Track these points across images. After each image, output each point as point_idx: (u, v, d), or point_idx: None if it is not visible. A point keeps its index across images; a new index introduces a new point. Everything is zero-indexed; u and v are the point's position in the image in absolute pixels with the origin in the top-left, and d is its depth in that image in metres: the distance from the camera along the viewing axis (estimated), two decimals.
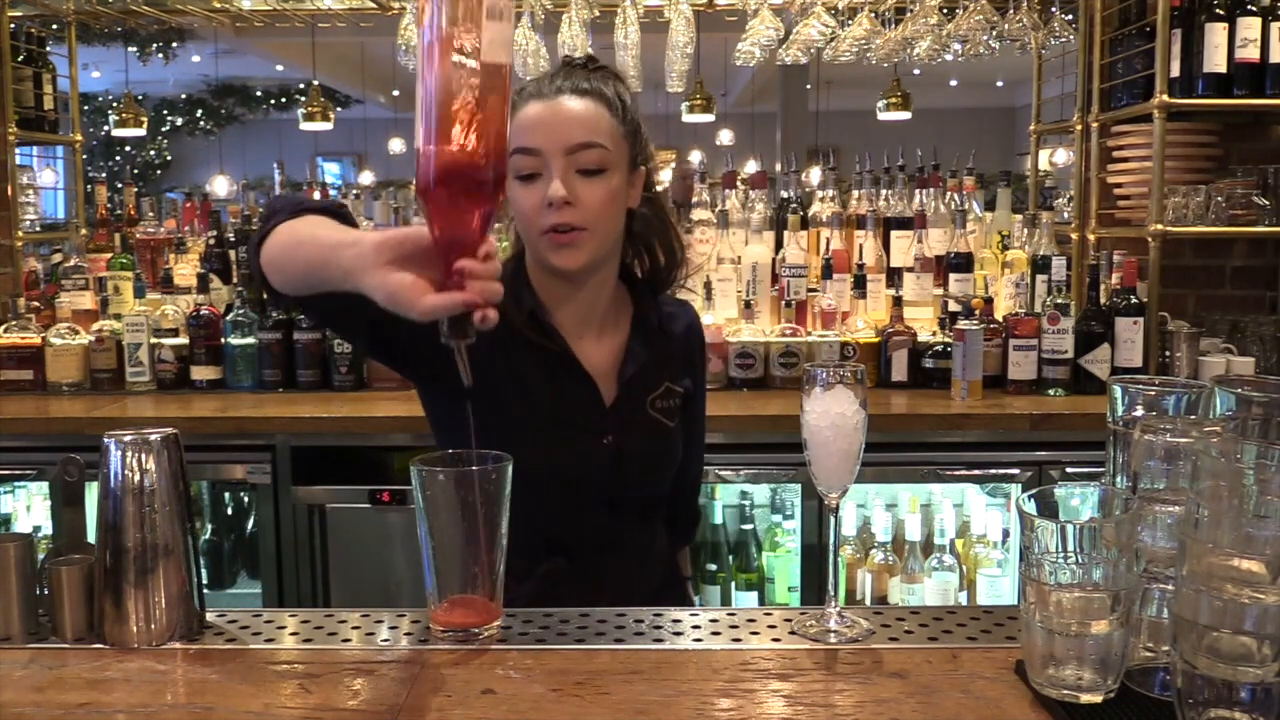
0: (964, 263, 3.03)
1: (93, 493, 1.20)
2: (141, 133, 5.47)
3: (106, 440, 1.17)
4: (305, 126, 5.94)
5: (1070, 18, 3.24)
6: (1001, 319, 2.88)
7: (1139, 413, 1.09)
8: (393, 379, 2.90)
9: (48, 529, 2.88)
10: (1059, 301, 2.84)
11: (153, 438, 1.17)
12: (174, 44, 10.58)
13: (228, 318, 2.96)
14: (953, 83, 13.84)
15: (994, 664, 1.11)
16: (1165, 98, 2.78)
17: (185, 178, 14.01)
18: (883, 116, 4.74)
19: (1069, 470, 2.59)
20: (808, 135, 11.42)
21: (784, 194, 3.38)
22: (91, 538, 1.21)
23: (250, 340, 2.94)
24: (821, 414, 1.18)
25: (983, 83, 13.99)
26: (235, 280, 3.12)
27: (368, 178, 12.34)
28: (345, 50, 10.77)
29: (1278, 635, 0.86)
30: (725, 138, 12.16)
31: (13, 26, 3.32)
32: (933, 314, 3.04)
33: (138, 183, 10.14)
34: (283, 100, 13.88)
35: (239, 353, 2.95)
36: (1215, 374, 2.64)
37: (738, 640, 1.19)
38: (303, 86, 12.93)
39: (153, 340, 2.95)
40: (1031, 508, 1.01)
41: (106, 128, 7.11)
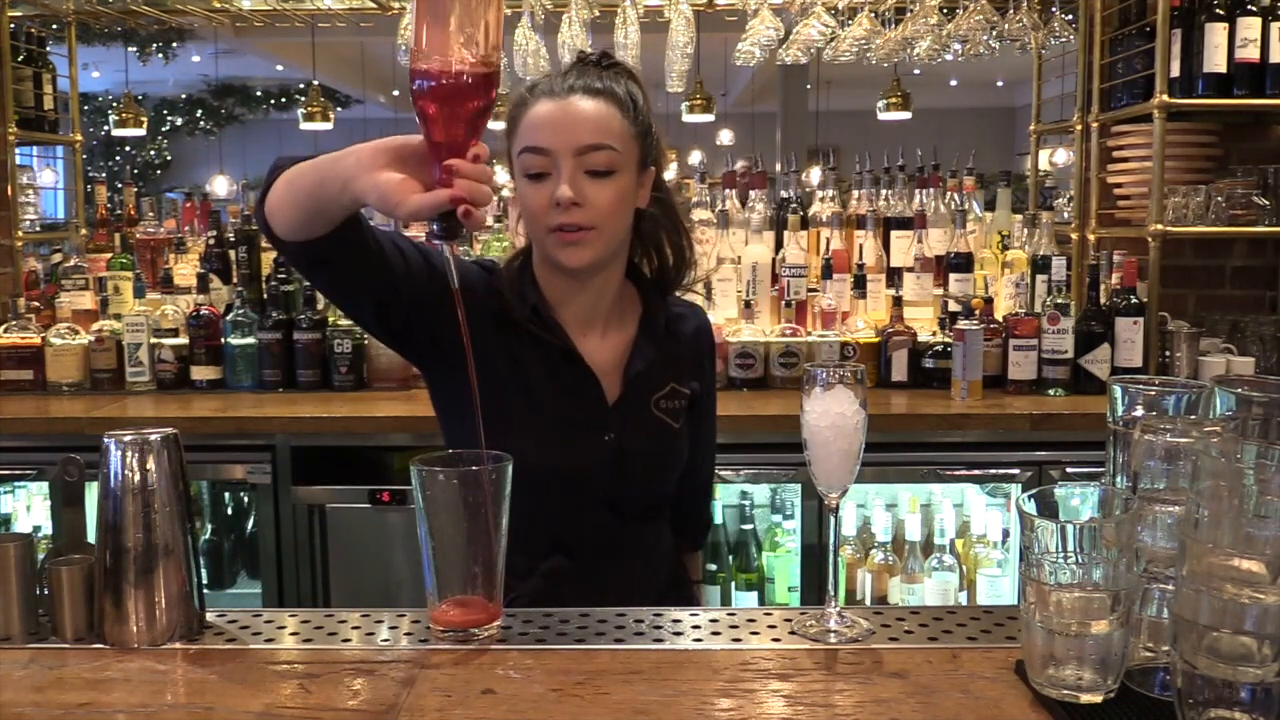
0: (964, 263, 3.03)
1: (93, 493, 1.20)
2: (141, 133, 5.47)
3: (106, 440, 1.17)
4: (305, 126, 5.95)
5: (1070, 18, 3.24)
6: (1001, 319, 2.88)
7: (1139, 413, 1.09)
8: (393, 379, 2.90)
9: (48, 529, 2.88)
10: (1059, 301, 2.83)
11: (153, 438, 1.17)
12: (174, 44, 10.58)
13: (228, 318, 2.96)
14: (953, 83, 13.84)
15: (994, 664, 1.11)
16: (1165, 98, 2.78)
17: (185, 178, 14.02)
18: (883, 116, 4.75)
19: (1069, 470, 2.59)
20: (808, 135, 11.43)
21: (784, 194, 3.38)
22: (91, 538, 1.21)
23: (250, 340, 2.94)
24: (821, 414, 1.19)
25: (983, 83, 13.99)
26: (235, 280, 3.12)
27: None
28: (345, 50, 10.77)
29: (1278, 635, 0.86)
30: (725, 138, 12.17)
31: (13, 26, 3.32)
32: (933, 314, 3.04)
33: (138, 183, 10.16)
34: (283, 100, 13.88)
35: (239, 353, 2.95)
36: (1215, 374, 2.64)
37: (738, 640, 1.19)
38: (303, 86, 12.93)
39: (153, 340, 2.95)
40: (1031, 508, 1.01)
41: (106, 128, 7.11)
